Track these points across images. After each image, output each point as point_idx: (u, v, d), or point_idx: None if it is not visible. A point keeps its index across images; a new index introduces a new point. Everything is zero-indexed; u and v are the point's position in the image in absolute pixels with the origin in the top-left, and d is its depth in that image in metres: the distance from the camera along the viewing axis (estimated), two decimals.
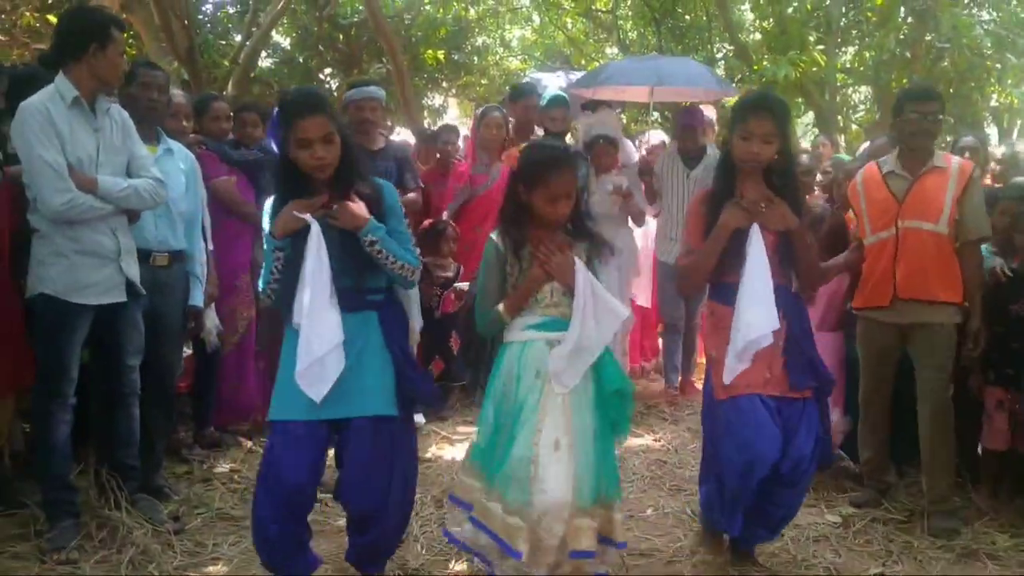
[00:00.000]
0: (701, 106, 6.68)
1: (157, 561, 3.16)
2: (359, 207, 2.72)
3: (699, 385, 5.54)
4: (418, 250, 2.95)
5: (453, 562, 3.25)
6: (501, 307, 2.77)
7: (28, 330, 3.49)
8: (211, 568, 3.20)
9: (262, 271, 2.81)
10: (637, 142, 6.85)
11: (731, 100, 7.50)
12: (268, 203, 2.80)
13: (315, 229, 2.65)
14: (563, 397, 2.68)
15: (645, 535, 3.53)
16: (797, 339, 2.99)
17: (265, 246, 2.79)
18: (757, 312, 2.84)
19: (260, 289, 2.81)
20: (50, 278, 3.26)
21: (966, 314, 3.67)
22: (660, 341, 6.51)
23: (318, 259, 2.64)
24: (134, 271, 3.45)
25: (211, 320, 4.28)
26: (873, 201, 3.77)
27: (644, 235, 6.04)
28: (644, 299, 6.08)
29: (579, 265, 2.71)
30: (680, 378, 5.86)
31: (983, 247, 3.78)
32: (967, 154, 4.88)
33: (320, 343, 2.62)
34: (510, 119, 5.83)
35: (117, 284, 3.38)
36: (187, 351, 4.47)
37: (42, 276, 3.27)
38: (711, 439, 3.09)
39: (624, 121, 8.86)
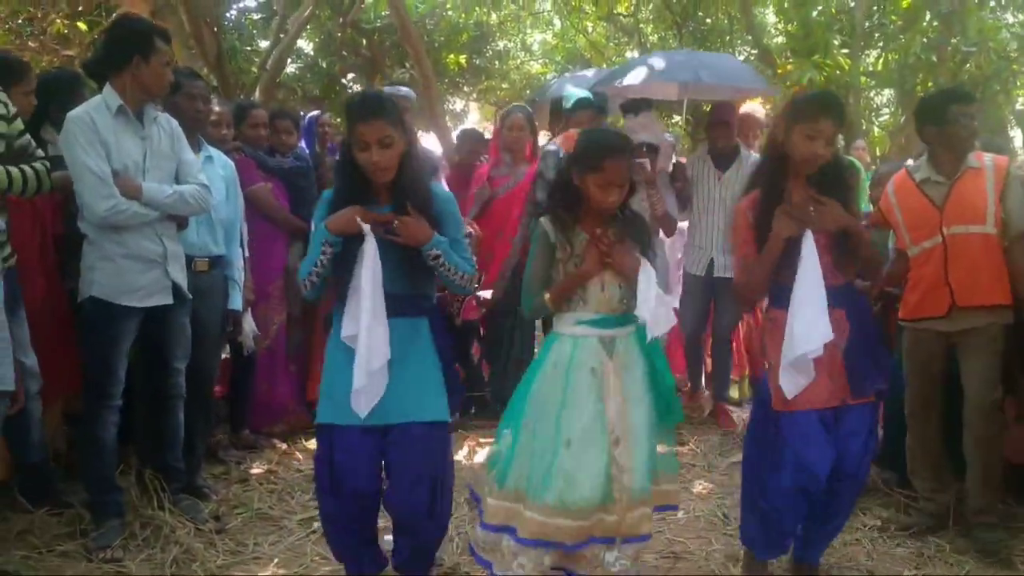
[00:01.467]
0: (750, 106, 6.29)
1: (201, 560, 3.24)
2: (421, 224, 2.73)
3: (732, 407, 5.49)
4: (474, 257, 3.00)
5: None
6: (547, 295, 2.77)
7: (77, 336, 3.59)
8: (253, 567, 3.27)
9: (304, 261, 2.83)
10: None
11: (762, 99, 7.17)
12: (325, 194, 2.86)
13: (372, 244, 2.67)
14: (620, 397, 2.73)
15: (676, 537, 3.56)
16: (860, 340, 2.93)
17: (314, 235, 2.80)
18: (809, 324, 2.76)
19: (300, 277, 2.81)
20: (98, 282, 3.35)
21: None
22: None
23: (373, 273, 2.67)
24: (180, 275, 3.53)
25: (248, 324, 4.37)
26: (910, 211, 3.64)
27: (671, 248, 5.73)
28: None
29: (644, 262, 2.72)
30: (708, 393, 5.66)
31: None
32: None
33: (377, 358, 2.66)
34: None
35: (163, 287, 3.46)
36: (223, 355, 4.55)
37: (91, 280, 3.36)
38: (759, 450, 3.03)
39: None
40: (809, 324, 2.75)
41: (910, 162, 3.95)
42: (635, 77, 6.24)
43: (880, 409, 3.09)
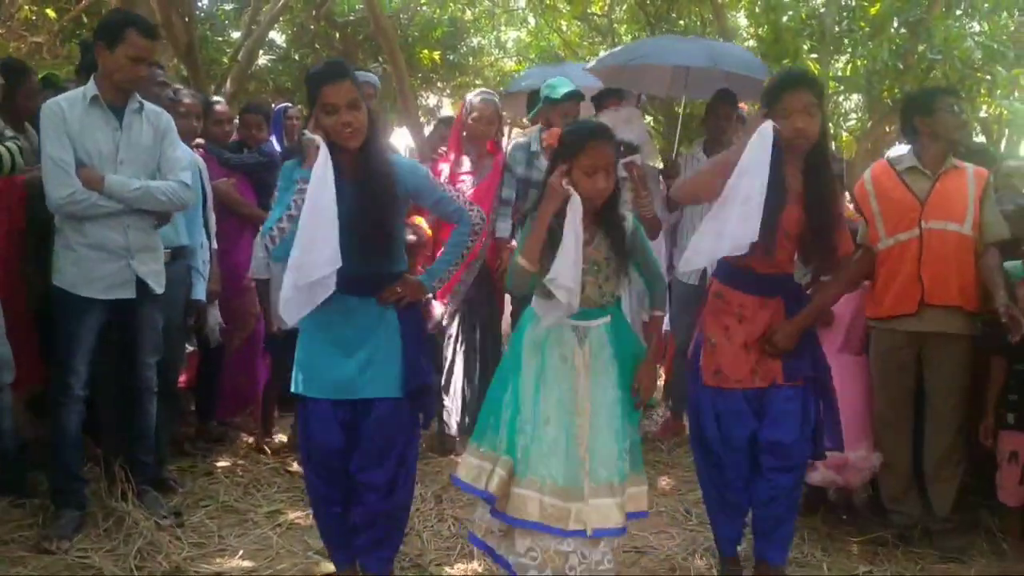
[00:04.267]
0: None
1: (165, 552, 3.23)
2: (411, 281, 2.89)
3: None
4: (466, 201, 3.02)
5: (455, 556, 3.34)
6: (520, 259, 2.72)
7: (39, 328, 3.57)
8: (218, 559, 3.27)
9: (270, 214, 2.79)
10: None
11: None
12: (288, 163, 2.84)
13: (323, 148, 2.61)
14: (588, 378, 2.77)
15: (640, 532, 3.60)
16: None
17: (280, 191, 2.77)
18: (742, 223, 2.73)
19: (265, 228, 2.77)
20: (61, 271, 3.36)
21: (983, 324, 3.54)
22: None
23: (323, 180, 2.59)
24: (147, 269, 3.50)
25: (213, 317, 4.36)
26: (889, 201, 3.60)
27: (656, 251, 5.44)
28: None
29: (575, 203, 2.67)
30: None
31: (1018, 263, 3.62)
32: None
33: (321, 265, 2.61)
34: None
35: (126, 280, 3.43)
36: (189, 348, 4.54)
37: (55, 269, 3.37)
38: (695, 426, 3.14)
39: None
40: (746, 220, 2.72)
41: (890, 153, 3.94)
42: (645, 59, 5.57)
43: (831, 408, 3.06)
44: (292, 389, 2.90)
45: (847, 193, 4.26)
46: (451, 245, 2.98)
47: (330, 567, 3.08)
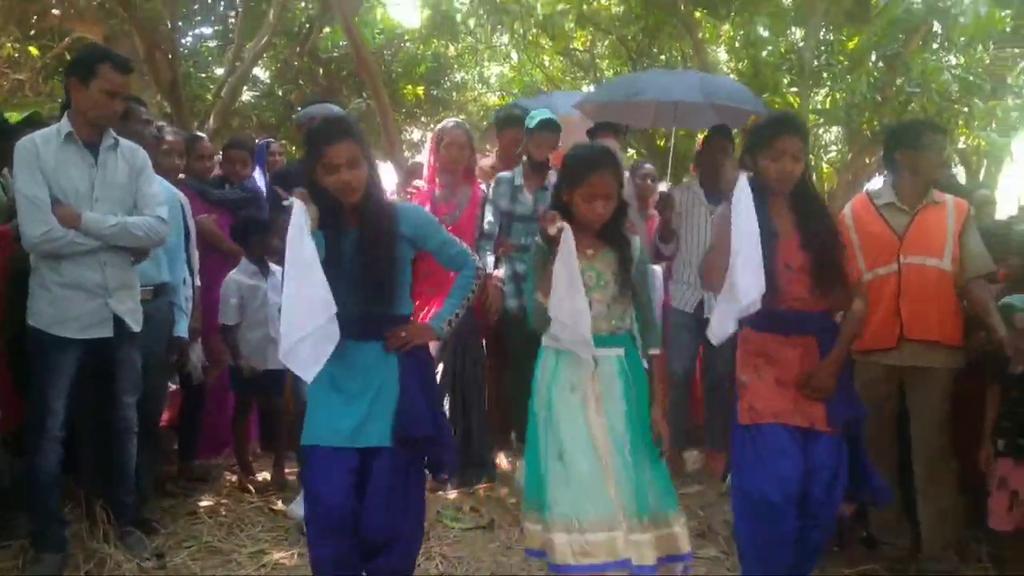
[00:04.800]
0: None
1: None
2: (418, 326, 2.92)
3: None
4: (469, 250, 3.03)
5: None
6: (539, 295, 2.75)
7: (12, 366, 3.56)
8: None
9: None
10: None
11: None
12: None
13: (297, 205, 2.62)
14: (602, 420, 2.74)
15: None
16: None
17: None
18: (746, 278, 2.76)
19: None
20: (35, 311, 3.33)
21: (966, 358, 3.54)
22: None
23: (300, 236, 2.60)
24: (124, 307, 3.46)
25: (196, 354, 4.34)
26: (868, 235, 3.62)
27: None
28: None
29: (567, 235, 2.68)
30: (696, 452, 5.27)
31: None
32: None
33: (314, 315, 2.60)
34: (488, 149, 5.29)
35: (103, 319, 3.40)
36: (172, 386, 4.50)
37: (30, 308, 3.34)
38: (735, 472, 3.05)
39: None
40: (749, 276, 2.75)
41: (869, 186, 3.99)
42: (642, 95, 5.57)
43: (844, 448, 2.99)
44: (302, 441, 2.81)
45: None
46: (457, 288, 2.97)
47: None
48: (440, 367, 4.63)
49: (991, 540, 3.61)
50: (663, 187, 5.74)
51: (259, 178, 5.59)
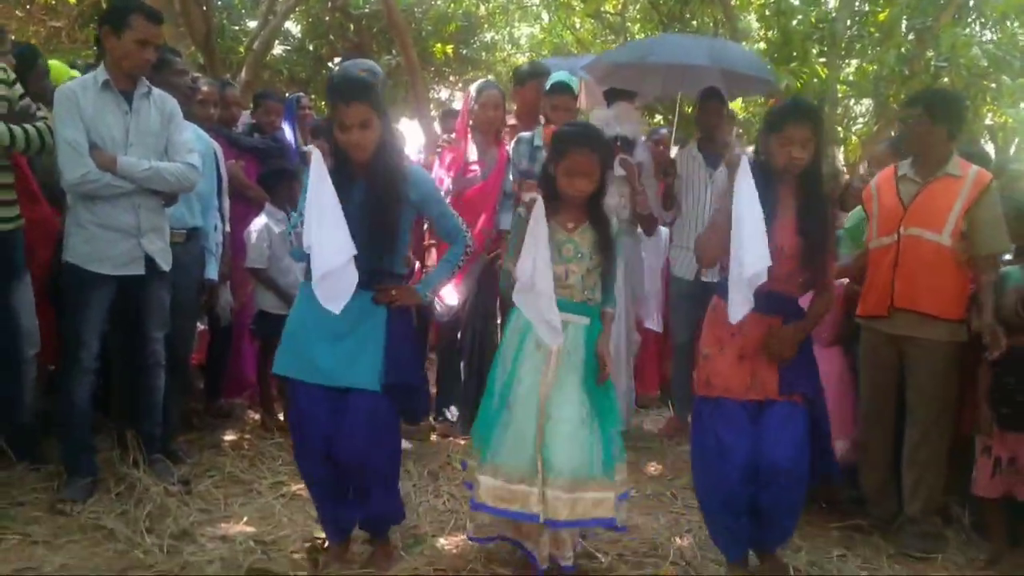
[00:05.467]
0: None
1: (173, 516, 3.39)
2: (405, 289, 3.11)
3: None
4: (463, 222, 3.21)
5: (449, 528, 3.50)
6: (510, 265, 2.94)
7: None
8: (223, 524, 3.43)
9: (294, 216, 3.05)
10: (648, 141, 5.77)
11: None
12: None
13: (316, 155, 2.84)
14: (556, 373, 2.92)
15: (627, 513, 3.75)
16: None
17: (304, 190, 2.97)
18: (751, 253, 2.85)
19: (289, 230, 2.99)
20: (72, 247, 3.52)
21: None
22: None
23: (320, 183, 2.80)
24: (155, 247, 3.66)
25: (224, 297, 4.52)
26: (883, 205, 3.70)
27: (654, 249, 5.44)
28: (654, 322, 5.51)
29: (539, 206, 2.86)
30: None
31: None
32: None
33: (333, 254, 2.78)
34: (511, 105, 5.25)
35: (136, 258, 3.60)
36: (201, 326, 4.70)
37: (67, 246, 3.54)
38: (692, 439, 3.21)
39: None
40: (755, 248, 2.84)
41: None
42: (652, 57, 5.49)
43: (824, 421, 3.17)
44: (274, 370, 3.06)
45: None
46: (446, 262, 3.21)
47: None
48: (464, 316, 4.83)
49: (974, 506, 3.71)
50: (674, 153, 5.78)
51: (288, 131, 5.74)
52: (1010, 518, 3.56)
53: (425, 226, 4.81)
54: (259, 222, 4.63)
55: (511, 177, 4.77)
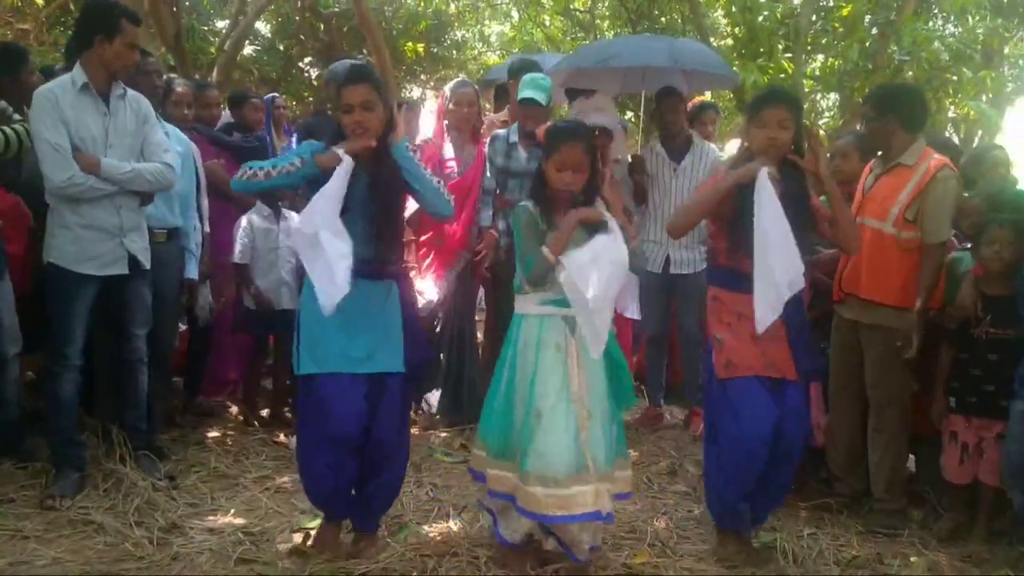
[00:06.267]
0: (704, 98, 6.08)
1: (162, 510, 3.46)
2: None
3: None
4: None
5: (433, 517, 3.60)
6: (545, 249, 2.94)
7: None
8: (211, 517, 3.49)
9: (260, 164, 3.01)
10: None
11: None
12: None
13: (347, 162, 2.90)
14: (582, 367, 2.96)
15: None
16: (798, 326, 3.20)
17: (286, 153, 3.09)
18: (784, 260, 2.94)
19: (245, 167, 2.99)
20: (57, 248, 3.56)
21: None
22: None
23: (341, 184, 2.88)
24: (137, 246, 3.71)
25: (204, 296, 4.57)
26: (856, 198, 3.87)
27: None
28: (635, 310, 5.45)
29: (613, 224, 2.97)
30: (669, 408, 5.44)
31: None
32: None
33: (334, 251, 2.84)
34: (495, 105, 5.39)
35: (119, 258, 3.65)
36: (182, 326, 4.74)
37: (51, 246, 3.58)
38: (712, 419, 3.28)
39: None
40: (786, 259, 2.95)
41: None
42: (613, 61, 5.61)
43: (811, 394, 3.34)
44: (301, 370, 3.04)
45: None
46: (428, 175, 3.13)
47: (315, 523, 3.31)
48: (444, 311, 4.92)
49: (943, 490, 3.82)
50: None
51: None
52: (975, 502, 3.67)
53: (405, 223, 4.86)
54: (245, 218, 4.67)
55: (488, 174, 4.86)
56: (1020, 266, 3.47)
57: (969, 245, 3.84)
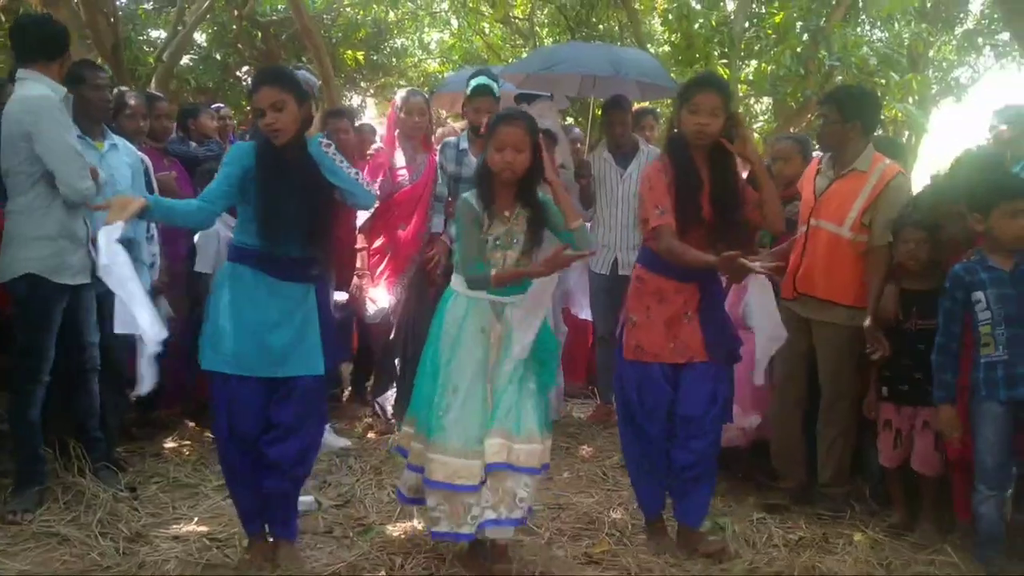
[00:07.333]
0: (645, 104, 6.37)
1: (125, 520, 3.47)
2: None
3: None
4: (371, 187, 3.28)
5: (396, 516, 3.67)
6: (492, 274, 3.05)
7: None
8: (175, 526, 3.52)
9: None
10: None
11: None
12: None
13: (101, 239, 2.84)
14: (499, 351, 3.09)
15: (562, 492, 4.01)
16: (709, 310, 3.33)
17: (226, 161, 3.08)
18: (772, 328, 3.31)
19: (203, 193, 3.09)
20: (37, 259, 3.53)
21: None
22: None
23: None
24: (95, 255, 3.72)
25: (162, 307, 4.55)
26: (803, 198, 3.98)
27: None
28: (586, 311, 5.64)
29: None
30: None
31: None
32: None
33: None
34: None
35: (86, 267, 3.68)
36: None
37: (26, 258, 3.53)
38: (618, 397, 3.48)
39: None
40: (772, 328, 3.30)
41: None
42: (560, 67, 5.90)
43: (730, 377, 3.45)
44: (204, 365, 3.05)
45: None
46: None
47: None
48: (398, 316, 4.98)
49: (879, 478, 3.99)
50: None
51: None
52: (909, 489, 3.80)
53: (357, 230, 4.94)
54: (211, 228, 4.65)
55: (439, 180, 4.94)
56: (937, 264, 3.63)
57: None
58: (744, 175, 3.64)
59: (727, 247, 3.22)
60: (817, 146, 4.39)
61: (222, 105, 6.91)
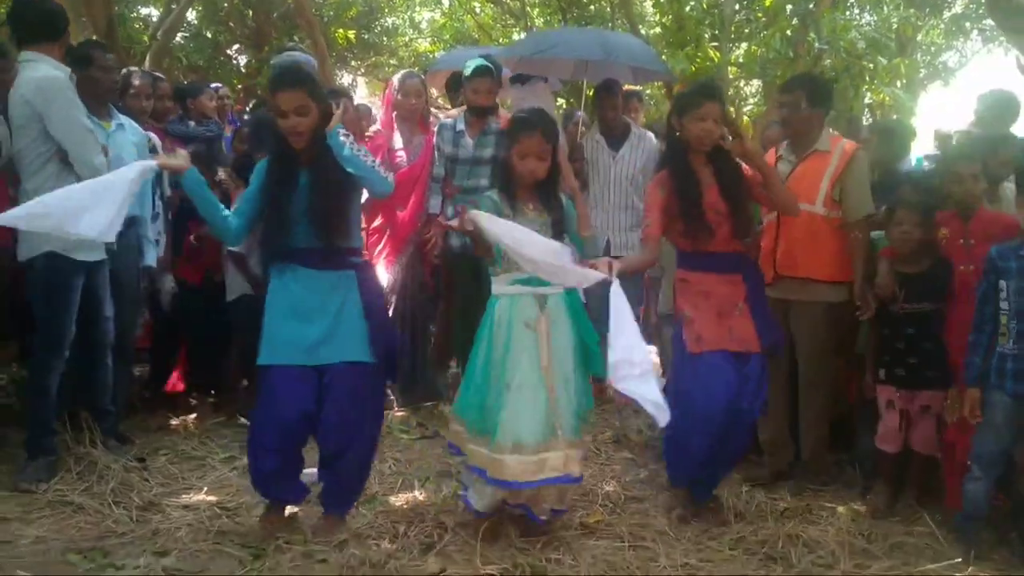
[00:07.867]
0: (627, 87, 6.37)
1: (137, 489, 3.60)
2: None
3: None
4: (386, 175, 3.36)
5: (398, 488, 3.81)
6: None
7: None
8: (185, 495, 3.64)
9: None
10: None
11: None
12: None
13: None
14: (550, 343, 3.17)
15: None
16: (757, 299, 3.49)
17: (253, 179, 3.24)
18: (630, 348, 3.03)
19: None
20: (58, 237, 3.56)
21: (850, 292, 3.85)
22: None
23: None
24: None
25: (168, 283, 4.66)
26: None
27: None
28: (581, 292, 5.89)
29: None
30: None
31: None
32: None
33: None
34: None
35: (100, 244, 3.77)
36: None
37: (47, 236, 3.56)
38: (679, 390, 3.43)
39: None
40: (630, 348, 3.04)
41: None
42: (552, 51, 5.92)
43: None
44: (260, 360, 3.17)
45: None
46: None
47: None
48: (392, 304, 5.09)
49: (862, 461, 4.10)
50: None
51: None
52: (901, 470, 3.87)
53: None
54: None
55: (437, 162, 5.03)
56: (929, 247, 3.71)
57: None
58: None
59: (747, 234, 3.54)
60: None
61: (220, 85, 6.97)
